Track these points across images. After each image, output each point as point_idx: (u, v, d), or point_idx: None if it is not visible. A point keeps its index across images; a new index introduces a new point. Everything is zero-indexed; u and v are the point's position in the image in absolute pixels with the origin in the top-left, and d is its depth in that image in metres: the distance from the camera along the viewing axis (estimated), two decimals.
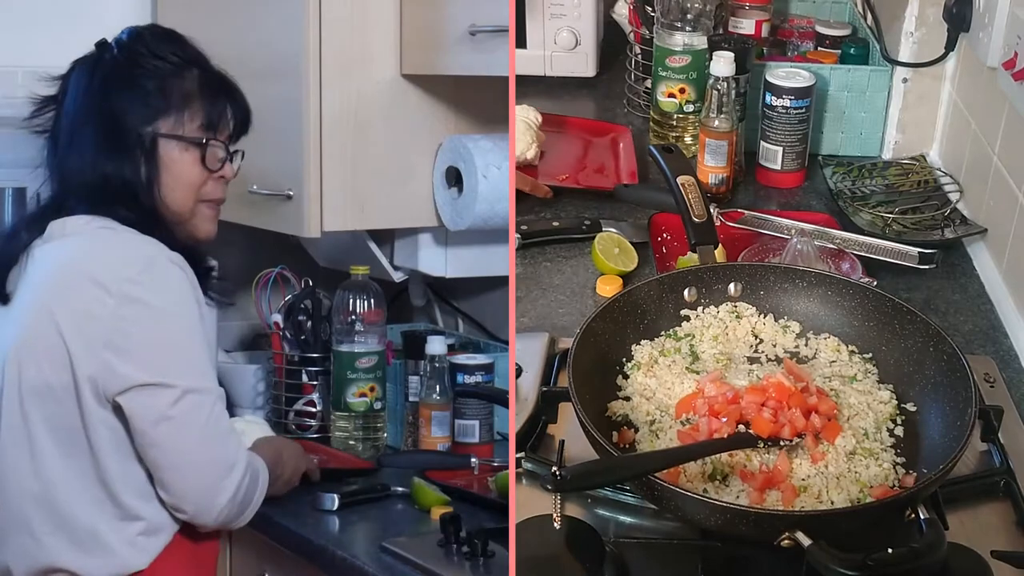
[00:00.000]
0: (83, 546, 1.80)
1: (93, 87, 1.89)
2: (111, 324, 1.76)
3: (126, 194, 1.86)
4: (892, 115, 2.58)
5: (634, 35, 2.72)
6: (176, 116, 1.89)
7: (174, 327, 1.80)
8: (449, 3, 2.23)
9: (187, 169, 1.90)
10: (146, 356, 1.78)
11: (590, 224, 2.27)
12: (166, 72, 1.90)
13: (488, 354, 2.51)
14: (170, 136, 1.88)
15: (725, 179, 2.39)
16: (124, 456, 1.80)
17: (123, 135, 1.87)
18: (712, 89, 2.35)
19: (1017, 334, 2.01)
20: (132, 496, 1.81)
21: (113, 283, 1.78)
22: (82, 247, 1.85)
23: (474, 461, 2.27)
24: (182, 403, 1.77)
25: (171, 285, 1.80)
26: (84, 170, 1.87)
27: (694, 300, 1.84)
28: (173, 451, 1.78)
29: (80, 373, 1.77)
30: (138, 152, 1.87)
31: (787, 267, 1.88)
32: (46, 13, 2.71)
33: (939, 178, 2.46)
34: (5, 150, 2.42)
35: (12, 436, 1.83)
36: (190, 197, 1.91)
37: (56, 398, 1.79)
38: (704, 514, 1.48)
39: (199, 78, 1.91)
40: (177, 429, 1.78)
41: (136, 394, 1.77)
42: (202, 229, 1.93)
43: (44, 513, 1.81)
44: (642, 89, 2.70)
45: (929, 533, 1.44)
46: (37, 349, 1.81)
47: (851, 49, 2.68)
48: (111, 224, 1.86)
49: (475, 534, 1.94)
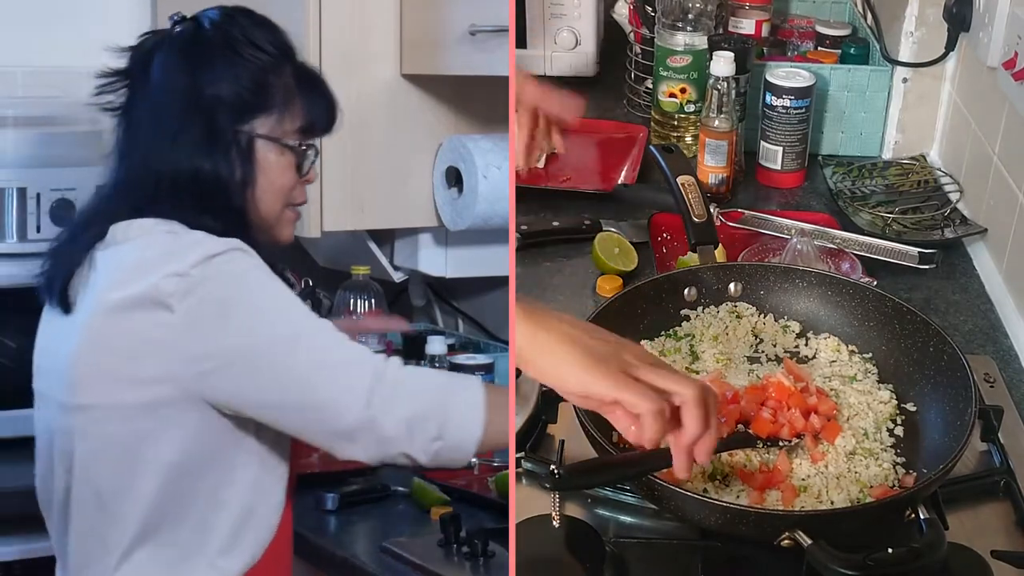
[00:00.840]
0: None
1: (183, 70, 1.70)
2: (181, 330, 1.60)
3: (217, 194, 1.70)
4: (892, 115, 2.58)
5: (634, 35, 2.71)
6: (276, 116, 1.73)
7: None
8: (449, 3, 2.23)
9: (282, 173, 1.75)
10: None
11: (590, 224, 2.27)
12: (264, 65, 1.72)
13: (488, 354, 2.51)
14: (269, 139, 1.73)
15: (725, 179, 2.39)
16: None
17: (218, 130, 1.69)
18: (712, 89, 2.35)
19: (1017, 334, 2.01)
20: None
21: (179, 285, 1.60)
22: (150, 248, 1.66)
23: (474, 461, 2.27)
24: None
25: (238, 274, 1.63)
26: (176, 163, 1.68)
27: (694, 300, 1.84)
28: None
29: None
30: (233, 151, 1.70)
31: (787, 267, 1.88)
32: (46, 13, 2.71)
33: (939, 178, 2.47)
34: (6, 150, 2.42)
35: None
36: (280, 202, 1.76)
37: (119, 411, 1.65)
38: (704, 514, 1.48)
39: (296, 74, 1.76)
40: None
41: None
42: (285, 234, 1.79)
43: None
44: (642, 89, 2.70)
45: (929, 533, 1.44)
46: (100, 360, 1.65)
47: (851, 49, 2.68)
48: (176, 228, 1.67)
49: (475, 534, 1.94)
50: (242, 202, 1.71)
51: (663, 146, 2.00)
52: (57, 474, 1.74)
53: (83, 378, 1.67)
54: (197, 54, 1.71)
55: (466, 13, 2.18)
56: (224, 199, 1.70)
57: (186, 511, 1.66)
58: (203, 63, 1.70)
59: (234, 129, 1.70)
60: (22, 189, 2.39)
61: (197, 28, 1.74)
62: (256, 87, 1.71)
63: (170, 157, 1.69)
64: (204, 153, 1.69)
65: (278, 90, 1.73)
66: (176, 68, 1.71)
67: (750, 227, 2.25)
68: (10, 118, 2.45)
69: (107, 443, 1.66)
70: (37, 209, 2.40)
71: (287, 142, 1.74)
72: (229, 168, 1.70)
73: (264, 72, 1.72)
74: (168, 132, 1.69)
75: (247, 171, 1.71)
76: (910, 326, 1.73)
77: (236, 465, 1.67)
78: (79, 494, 1.71)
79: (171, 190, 1.68)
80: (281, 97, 1.73)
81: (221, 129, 1.70)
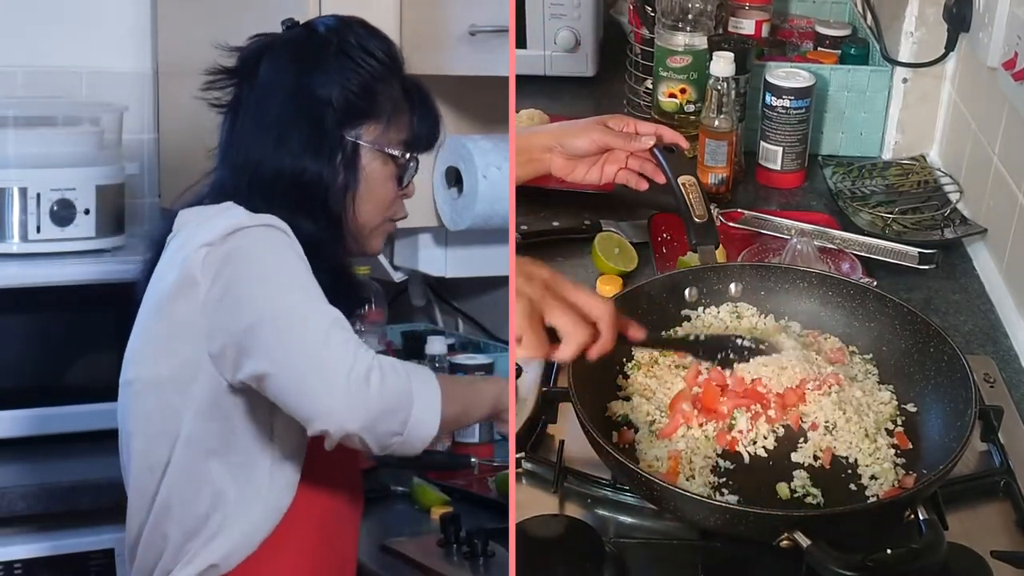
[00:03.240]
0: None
1: (294, 70, 1.71)
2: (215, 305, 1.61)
3: (317, 196, 1.69)
4: (892, 115, 2.58)
5: (634, 35, 2.71)
6: (383, 125, 1.73)
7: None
8: (449, 3, 2.23)
9: (383, 184, 1.75)
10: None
11: (590, 224, 2.27)
12: (376, 73, 1.72)
13: (488, 354, 2.51)
14: (375, 147, 1.73)
15: (725, 179, 2.39)
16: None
17: (325, 133, 1.70)
18: (712, 89, 2.35)
19: (1017, 334, 2.01)
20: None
21: (208, 256, 1.61)
22: (193, 226, 1.67)
23: (474, 461, 2.27)
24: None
25: (259, 249, 1.62)
26: (279, 162, 1.69)
27: (695, 300, 1.84)
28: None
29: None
30: (339, 155, 1.71)
31: (788, 267, 1.88)
32: (46, 13, 2.71)
33: (939, 178, 2.47)
34: (6, 150, 2.43)
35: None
36: (379, 213, 1.76)
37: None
38: (703, 515, 1.48)
39: (404, 86, 1.76)
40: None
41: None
42: (376, 245, 1.79)
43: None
44: (642, 89, 2.70)
45: (928, 534, 1.44)
46: (146, 337, 1.71)
47: (851, 49, 2.68)
48: (226, 206, 1.67)
49: (475, 534, 1.94)
50: (340, 208, 1.71)
51: (665, 146, 2.00)
52: (122, 453, 1.78)
53: (132, 354, 1.73)
54: (310, 56, 1.72)
55: (466, 13, 2.18)
56: (323, 202, 1.70)
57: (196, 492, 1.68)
58: (316, 65, 1.71)
59: (341, 134, 1.71)
60: (23, 189, 2.39)
61: (311, 32, 1.75)
62: (366, 93, 1.72)
63: (273, 156, 1.69)
64: (309, 155, 1.69)
65: (387, 99, 1.73)
66: (287, 69, 1.72)
67: (750, 227, 2.25)
68: (10, 118, 2.45)
69: (145, 419, 1.70)
70: (37, 209, 2.40)
71: (392, 152, 1.74)
72: (332, 172, 1.70)
73: (375, 80, 1.72)
74: (273, 131, 1.70)
75: (350, 177, 1.71)
76: (911, 327, 1.73)
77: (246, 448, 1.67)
78: (128, 471, 1.75)
79: (270, 188, 1.69)
80: (389, 107, 1.73)
81: (328, 132, 1.70)
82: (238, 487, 1.67)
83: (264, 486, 1.68)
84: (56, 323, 2.38)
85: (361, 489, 1.81)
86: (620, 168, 2.03)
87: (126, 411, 1.74)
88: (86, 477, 2.25)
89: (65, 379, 2.38)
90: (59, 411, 2.36)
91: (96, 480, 2.24)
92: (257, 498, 1.68)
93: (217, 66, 1.76)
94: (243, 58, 1.76)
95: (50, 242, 2.42)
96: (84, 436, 2.34)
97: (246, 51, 1.76)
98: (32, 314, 2.36)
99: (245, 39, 1.78)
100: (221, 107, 1.76)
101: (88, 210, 2.43)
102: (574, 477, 1.64)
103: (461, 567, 1.91)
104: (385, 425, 1.56)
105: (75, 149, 2.49)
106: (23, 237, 2.40)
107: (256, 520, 1.68)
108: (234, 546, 1.68)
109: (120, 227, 2.50)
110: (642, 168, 2.02)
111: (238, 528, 1.68)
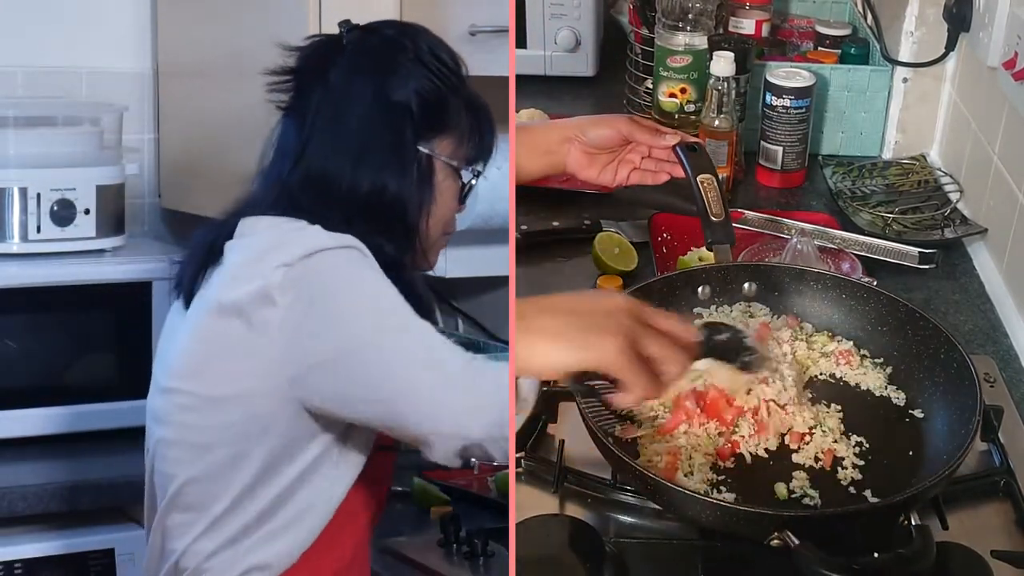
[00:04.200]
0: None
1: (373, 78, 1.64)
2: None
3: (396, 214, 1.63)
4: (892, 115, 2.58)
5: (634, 35, 2.72)
6: (456, 139, 1.68)
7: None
8: (449, 3, 2.23)
9: (451, 199, 1.70)
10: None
11: (590, 224, 2.27)
12: (449, 84, 1.67)
13: (488, 354, 2.50)
14: (447, 161, 1.68)
15: (725, 179, 2.39)
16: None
17: (404, 145, 1.63)
18: (712, 89, 2.35)
19: (1017, 334, 2.01)
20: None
21: (285, 276, 1.54)
22: (268, 240, 1.59)
23: (474, 461, 2.27)
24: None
25: (340, 272, 1.56)
26: (357, 175, 1.62)
27: (707, 298, 1.83)
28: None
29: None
30: (415, 169, 1.64)
31: (802, 269, 1.87)
32: (46, 13, 2.71)
33: (939, 178, 2.47)
34: (6, 150, 2.42)
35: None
36: (443, 228, 1.71)
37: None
38: (696, 511, 1.48)
39: (469, 99, 1.70)
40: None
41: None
42: (434, 260, 1.73)
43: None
44: (642, 89, 2.70)
45: (918, 540, 1.43)
46: (200, 351, 1.61)
47: (851, 49, 2.68)
48: (304, 225, 1.59)
49: (475, 534, 1.95)
50: (416, 225, 1.66)
51: (688, 144, 1.98)
52: (146, 454, 1.72)
53: (179, 365, 1.63)
54: (385, 60, 1.65)
55: (466, 13, 2.18)
56: (402, 220, 1.64)
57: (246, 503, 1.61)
58: (391, 70, 1.65)
59: (417, 147, 1.65)
60: (23, 189, 2.39)
61: (380, 36, 1.68)
62: (441, 103, 1.66)
63: (353, 171, 1.62)
64: (390, 171, 1.63)
65: (457, 112, 1.68)
66: (362, 73, 1.65)
67: (750, 227, 2.25)
68: (10, 118, 2.45)
69: (195, 432, 1.61)
70: (38, 209, 2.40)
71: (461, 167, 1.70)
72: (411, 189, 1.64)
73: (448, 90, 1.67)
74: (353, 143, 1.63)
75: (425, 193, 1.66)
76: (922, 332, 1.72)
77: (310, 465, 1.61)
78: (155, 477, 1.69)
79: (349, 205, 1.62)
80: (460, 120, 1.68)
81: (407, 144, 1.64)
82: (295, 499, 1.60)
83: (321, 499, 1.62)
84: (56, 323, 2.38)
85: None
86: (634, 168, 1.98)
87: (166, 418, 1.65)
88: (86, 477, 2.25)
89: (65, 379, 2.38)
90: (59, 411, 2.36)
91: (96, 480, 2.24)
92: (311, 511, 1.62)
93: (280, 66, 1.68)
94: (307, 59, 1.68)
95: (50, 242, 2.41)
96: (84, 436, 2.35)
97: (309, 51, 1.69)
98: (32, 314, 2.36)
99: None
100: (284, 108, 1.68)
101: (88, 210, 2.43)
102: (574, 477, 1.64)
103: (461, 567, 1.91)
104: (499, 430, 1.50)
105: (75, 149, 2.49)
106: (23, 237, 2.40)
107: (307, 530, 1.62)
108: (279, 555, 1.61)
109: (120, 227, 2.50)
110: (659, 167, 1.98)
111: (288, 538, 1.61)
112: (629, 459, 1.53)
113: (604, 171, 1.98)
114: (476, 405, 1.50)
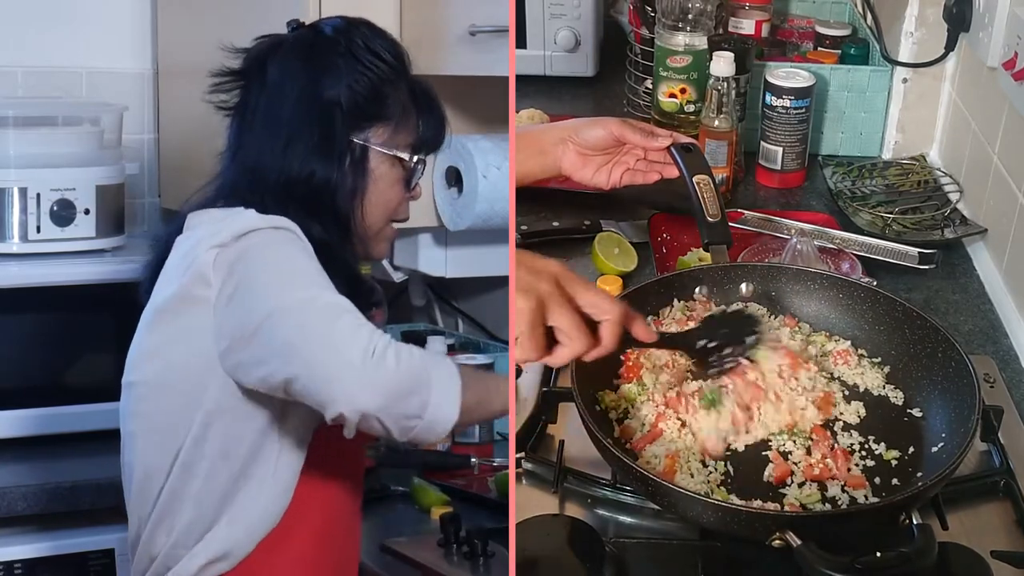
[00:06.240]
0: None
1: (302, 72, 1.71)
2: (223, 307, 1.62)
3: (326, 200, 1.70)
4: (892, 115, 2.58)
5: (634, 35, 2.72)
6: (391, 128, 1.74)
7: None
8: (449, 3, 2.24)
9: (391, 186, 1.75)
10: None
11: (590, 224, 2.27)
12: (383, 75, 1.73)
13: (488, 354, 2.51)
14: (382, 149, 1.73)
15: (725, 179, 2.39)
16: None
17: (334, 136, 1.70)
18: (712, 89, 2.35)
19: (1017, 334, 2.01)
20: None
21: (219, 257, 1.62)
22: (205, 229, 1.67)
23: (474, 461, 2.27)
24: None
25: (267, 250, 1.63)
26: (288, 166, 1.69)
27: (705, 299, 1.83)
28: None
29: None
30: (347, 158, 1.71)
31: (799, 269, 1.87)
32: (46, 13, 2.71)
33: (939, 178, 2.47)
34: (6, 150, 2.43)
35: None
36: (385, 215, 1.76)
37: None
38: (696, 511, 1.48)
39: (412, 88, 1.77)
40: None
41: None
42: (380, 249, 1.79)
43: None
44: (642, 89, 2.70)
45: (919, 539, 1.43)
46: (150, 341, 1.70)
47: (851, 49, 2.68)
48: (239, 211, 1.67)
49: (475, 534, 1.94)
50: (349, 211, 1.72)
51: (683, 145, 1.98)
52: (123, 452, 1.78)
53: (132, 358, 1.73)
54: (318, 58, 1.72)
55: (466, 13, 2.18)
56: (332, 206, 1.70)
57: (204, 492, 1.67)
58: (323, 66, 1.71)
59: (349, 137, 1.71)
60: (23, 189, 2.39)
61: (317, 34, 1.75)
62: (374, 96, 1.72)
63: (282, 159, 1.69)
64: (318, 158, 1.69)
65: (395, 102, 1.74)
66: (295, 71, 1.71)
67: (750, 227, 2.25)
68: (10, 118, 2.45)
69: (148, 420, 1.70)
70: (37, 209, 2.40)
71: (400, 155, 1.75)
72: (342, 175, 1.70)
73: (383, 82, 1.73)
74: (282, 133, 1.70)
75: (358, 180, 1.72)
76: (920, 331, 1.72)
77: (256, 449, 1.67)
78: (132, 470, 1.75)
79: (280, 192, 1.68)
80: (397, 109, 1.74)
81: (337, 135, 1.70)
82: (243, 483, 1.67)
83: (268, 482, 1.67)
84: (56, 323, 2.38)
85: (362, 487, 1.80)
86: (627, 170, 2.01)
87: (129, 412, 1.74)
88: (86, 477, 2.25)
89: (65, 379, 2.38)
90: (59, 411, 2.36)
91: (96, 480, 2.24)
92: (260, 494, 1.67)
93: (223, 68, 1.76)
94: (249, 59, 1.76)
95: (50, 242, 2.42)
96: (84, 436, 2.35)
97: (252, 52, 1.76)
98: (32, 314, 2.36)
99: (247, 39, 1.78)
100: (228, 109, 1.76)
101: (88, 210, 2.43)
102: (574, 477, 1.64)
103: (461, 567, 1.91)
104: (403, 407, 1.54)
105: (75, 149, 2.49)
106: (23, 237, 2.40)
107: (260, 515, 1.68)
108: (237, 541, 1.67)
109: (120, 227, 2.50)
110: (650, 168, 2.01)
111: (242, 524, 1.67)
112: (629, 460, 1.53)
113: (598, 172, 2.01)
114: (372, 381, 1.52)
